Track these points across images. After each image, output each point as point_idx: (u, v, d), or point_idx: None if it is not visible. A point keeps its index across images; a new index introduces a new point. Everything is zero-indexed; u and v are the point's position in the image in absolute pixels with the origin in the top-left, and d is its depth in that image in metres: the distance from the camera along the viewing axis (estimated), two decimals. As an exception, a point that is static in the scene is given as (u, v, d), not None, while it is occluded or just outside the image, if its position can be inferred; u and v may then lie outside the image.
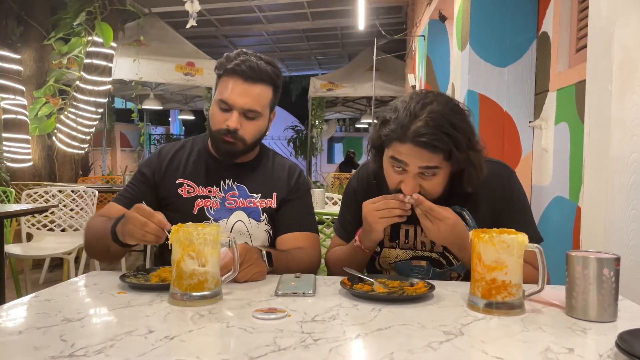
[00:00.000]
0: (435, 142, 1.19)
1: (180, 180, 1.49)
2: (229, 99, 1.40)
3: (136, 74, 6.33)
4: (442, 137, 1.19)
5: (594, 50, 1.62)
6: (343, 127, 16.28)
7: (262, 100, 1.43)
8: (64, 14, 5.45)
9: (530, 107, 2.88)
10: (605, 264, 0.93)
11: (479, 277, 1.00)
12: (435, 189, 1.27)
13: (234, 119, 1.40)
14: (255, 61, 1.41)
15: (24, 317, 0.96)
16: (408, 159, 1.23)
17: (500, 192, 1.35)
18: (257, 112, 1.43)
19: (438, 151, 1.20)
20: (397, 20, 8.48)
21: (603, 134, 1.54)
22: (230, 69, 1.40)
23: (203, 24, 8.21)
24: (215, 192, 1.49)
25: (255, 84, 1.41)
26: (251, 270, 1.20)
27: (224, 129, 1.41)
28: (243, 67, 1.39)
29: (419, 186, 1.25)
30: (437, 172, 1.24)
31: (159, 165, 1.52)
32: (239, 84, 1.40)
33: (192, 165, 1.52)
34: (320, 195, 3.21)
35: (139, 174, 1.53)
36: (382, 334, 0.86)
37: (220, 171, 1.51)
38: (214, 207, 1.47)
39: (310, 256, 1.45)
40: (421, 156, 1.22)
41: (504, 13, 2.88)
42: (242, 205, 1.49)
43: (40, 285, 4.13)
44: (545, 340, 0.84)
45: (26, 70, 5.54)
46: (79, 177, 5.98)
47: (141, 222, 1.15)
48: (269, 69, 1.42)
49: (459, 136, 1.20)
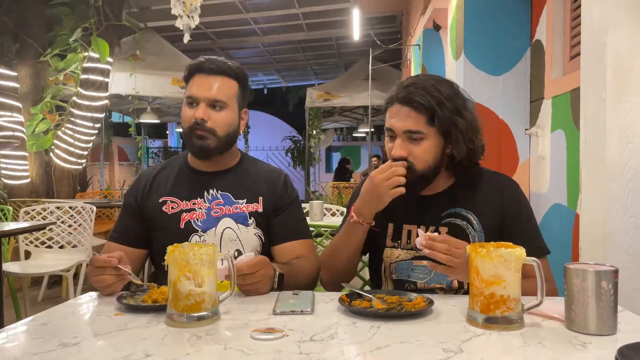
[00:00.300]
0: (417, 98, 1.28)
1: (163, 198, 1.50)
2: (194, 93, 1.45)
3: (133, 89, 6.34)
4: (425, 95, 1.28)
5: (588, 59, 1.62)
6: (340, 137, 16.30)
7: (227, 90, 1.47)
8: (60, 31, 5.47)
9: (526, 114, 2.89)
10: (603, 277, 0.93)
11: (477, 292, 0.99)
12: (423, 156, 1.31)
13: (200, 109, 1.43)
14: (217, 59, 1.48)
15: (20, 342, 0.95)
16: (395, 124, 1.31)
17: (509, 202, 1.38)
18: (223, 102, 1.45)
19: (421, 110, 1.28)
20: (391, 29, 8.53)
21: (599, 142, 1.54)
22: (194, 67, 1.47)
23: (199, 37, 8.26)
24: (200, 203, 1.49)
25: (218, 76, 1.46)
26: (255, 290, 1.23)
27: (192, 123, 1.44)
28: (206, 63, 1.46)
29: (409, 151, 1.30)
30: (423, 137, 1.30)
31: (141, 189, 1.53)
32: (202, 78, 1.46)
33: (173, 182, 1.53)
34: (319, 207, 3.19)
35: (124, 207, 1.56)
36: (381, 352, 0.85)
37: (203, 183, 1.52)
38: (201, 218, 1.47)
39: (312, 264, 1.47)
40: (405, 116, 1.29)
41: (498, 22, 2.90)
42: (229, 212, 1.49)
43: (39, 302, 4.10)
44: (546, 355, 0.83)
45: (23, 87, 5.54)
46: (77, 193, 5.96)
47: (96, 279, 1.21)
48: (232, 64, 1.49)
49: (442, 98, 1.29)
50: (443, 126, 1.30)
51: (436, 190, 1.41)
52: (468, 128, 1.33)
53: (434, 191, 1.41)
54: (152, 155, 14.81)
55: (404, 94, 1.31)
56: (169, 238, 1.19)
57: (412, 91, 1.30)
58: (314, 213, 3.16)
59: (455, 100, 1.32)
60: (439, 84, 1.33)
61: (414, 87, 1.30)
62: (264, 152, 16.03)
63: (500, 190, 1.39)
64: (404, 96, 1.30)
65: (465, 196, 1.39)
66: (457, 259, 1.16)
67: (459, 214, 1.38)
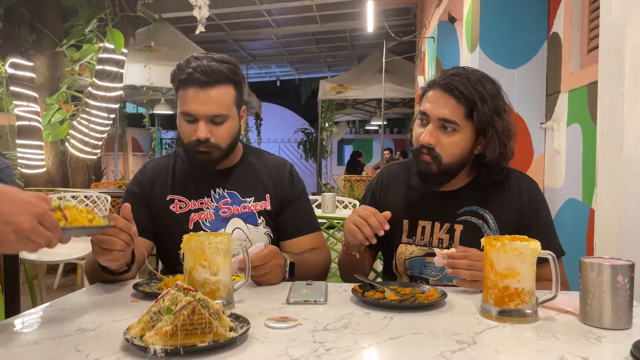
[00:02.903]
0: (460, 87, 1.25)
1: (170, 196, 1.46)
2: (192, 110, 1.35)
3: (147, 80, 6.37)
4: (469, 87, 1.25)
5: (606, 52, 1.60)
6: (353, 129, 16.25)
7: (225, 101, 1.37)
8: (75, 21, 5.51)
9: (541, 108, 2.85)
10: (619, 271, 0.92)
11: (491, 285, 0.99)
12: (451, 148, 1.28)
13: (202, 128, 1.35)
14: (207, 64, 1.35)
15: (39, 327, 0.97)
16: (431, 109, 1.28)
17: (527, 201, 1.36)
18: (224, 116, 1.37)
19: (462, 100, 1.25)
20: (406, 22, 8.47)
21: (616, 136, 1.52)
22: (185, 79, 1.35)
23: (212, 29, 8.26)
24: (207, 203, 1.46)
25: (213, 87, 1.35)
26: (267, 280, 1.24)
27: (194, 140, 1.36)
28: (196, 74, 1.33)
29: (438, 140, 1.28)
30: (457, 129, 1.27)
31: (147, 181, 1.48)
32: (197, 92, 1.34)
33: (179, 179, 1.48)
34: (331, 199, 3.20)
35: (128, 195, 1.48)
36: (394, 343, 0.86)
37: (209, 181, 1.48)
38: (209, 219, 1.45)
39: (323, 256, 1.48)
40: (443, 103, 1.26)
41: (514, 14, 2.86)
42: (237, 211, 1.47)
43: (54, 290, 4.17)
44: (560, 349, 0.83)
45: (39, 77, 5.60)
46: (92, 183, 6.03)
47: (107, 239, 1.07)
48: (224, 68, 1.36)
49: (485, 94, 1.26)
50: (481, 123, 1.27)
51: (453, 187, 1.39)
52: (504, 131, 1.30)
53: (451, 188, 1.39)
54: (165, 146, 14.89)
55: (447, 81, 1.27)
56: (178, 239, 1.11)
57: (456, 80, 1.27)
58: (326, 205, 3.17)
59: (498, 100, 1.30)
60: (484, 80, 1.30)
61: (459, 77, 1.27)
62: (276, 144, 16.05)
63: (518, 190, 1.37)
64: (446, 83, 1.27)
65: (483, 194, 1.37)
66: (479, 272, 1.13)
67: (476, 212, 1.36)
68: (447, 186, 1.38)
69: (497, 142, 1.29)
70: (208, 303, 0.83)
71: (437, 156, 1.28)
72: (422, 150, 1.30)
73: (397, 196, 1.45)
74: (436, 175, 1.30)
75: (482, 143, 1.31)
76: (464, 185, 1.39)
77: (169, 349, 0.77)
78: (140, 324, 0.84)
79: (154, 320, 0.83)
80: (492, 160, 1.31)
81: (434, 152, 1.28)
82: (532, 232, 1.32)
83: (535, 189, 1.40)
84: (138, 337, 0.81)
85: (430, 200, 1.39)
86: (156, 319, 0.82)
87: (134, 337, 0.81)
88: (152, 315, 0.83)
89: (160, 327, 0.79)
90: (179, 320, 0.78)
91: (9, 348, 0.84)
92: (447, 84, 1.27)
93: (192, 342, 0.79)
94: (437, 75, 1.32)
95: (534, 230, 1.32)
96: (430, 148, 1.28)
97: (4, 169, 3.24)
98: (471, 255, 1.16)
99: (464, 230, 1.35)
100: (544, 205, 1.39)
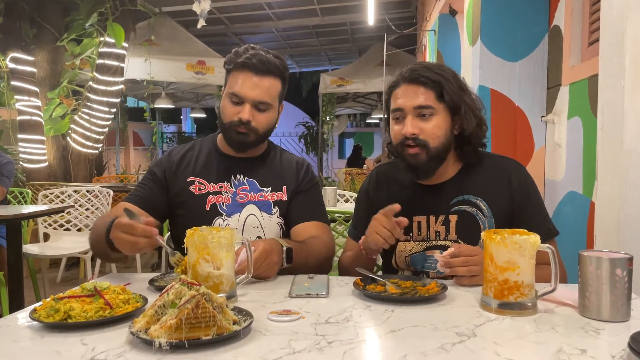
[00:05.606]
0: (425, 74, 1.32)
1: (191, 178, 1.52)
2: (241, 92, 1.44)
3: (148, 74, 6.38)
4: (432, 72, 1.33)
5: (607, 45, 1.60)
6: (354, 123, 16.25)
7: (272, 92, 1.47)
8: (76, 16, 5.51)
9: (542, 101, 2.86)
10: (618, 264, 0.93)
11: (491, 278, 1.00)
12: (435, 131, 1.33)
13: (247, 111, 1.44)
14: (264, 55, 1.46)
15: (45, 320, 0.98)
16: (404, 102, 1.34)
17: (517, 184, 1.39)
18: (268, 104, 1.47)
19: (429, 86, 1.32)
20: (407, 14, 8.43)
21: (616, 129, 1.53)
22: (241, 63, 1.45)
23: (213, 22, 8.24)
24: (227, 187, 1.51)
25: (265, 77, 1.45)
26: (264, 273, 1.24)
27: (236, 121, 1.45)
28: (253, 60, 1.43)
29: (420, 128, 1.32)
30: (433, 112, 1.33)
31: (170, 165, 1.55)
32: (250, 77, 1.44)
33: (202, 164, 1.55)
34: (332, 193, 3.21)
35: (149, 174, 1.56)
36: (395, 335, 0.87)
37: (230, 167, 1.54)
38: (226, 203, 1.50)
39: (326, 244, 1.49)
40: (414, 94, 1.33)
41: (515, 7, 2.86)
42: (254, 199, 1.52)
43: (57, 284, 4.20)
44: (558, 341, 0.84)
45: (40, 72, 5.61)
46: (94, 177, 6.05)
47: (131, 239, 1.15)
48: (277, 62, 1.47)
49: (446, 74, 1.34)
50: (452, 100, 1.33)
51: (443, 179, 1.41)
52: (474, 102, 1.37)
53: (441, 180, 1.41)
54: (166, 140, 14.89)
55: (411, 74, 1.35)
56: (193, 218, 1.20)
57: (418, 70, 1.34)
58: (327, 199, 3.18)
59: (458, 79, 1.37)
60: (441, 66, 1.39)
61: (420, 67, 1.36)
62: (277, 137, 16.04)
63: (507, 174, 1.40)
64: (411, 75, 1.34)
65: (473, 182, 1.40)
66: (476, 267, 1.17)
67: (468, 201, 1.38)
68: (437, 178, 1.40)
69: (471, 114, 1.35)
70: (212, 297, 0.85)
71: (425, 143, 1.32)
72: (407, 144, 1.33)
73: (390, 195, 1.46)
74: (427, 164, 1.33)
75: (458, 122, 1.36)
76: (453, 176, 1.42)
77: (174, 342, 0.78)
78: (145, 318, 0.85)
79: (158, 314, 0.84)
80: (472, 133, 1.36)
81: (420, 140, 1.32)
82: (525, 214, 1.36)
83: (523, 171, 1.43)
84: (143, 331, 0.83)
85: (422, 195, 1.42)
86: (161, 313, 0.84)
87: (139, 331, 0.83)
88: (156, 309, 0.85)
89: (165, 320, 0.81)
90: (183, 313, 0.80)
91: (16, 342, 0.86)
92: (412, 75, 1.34)
93: (197, 335, 0.80)
94: (397, 74, 1.39)
95: (527, 213, 1.36)
96: (415, 137, 1.32)
97: (5, 164, 3.26)
98: (464, 251, 1.19)
99: (458, 220, 1.37)
100: (534, 187, 1.41)
